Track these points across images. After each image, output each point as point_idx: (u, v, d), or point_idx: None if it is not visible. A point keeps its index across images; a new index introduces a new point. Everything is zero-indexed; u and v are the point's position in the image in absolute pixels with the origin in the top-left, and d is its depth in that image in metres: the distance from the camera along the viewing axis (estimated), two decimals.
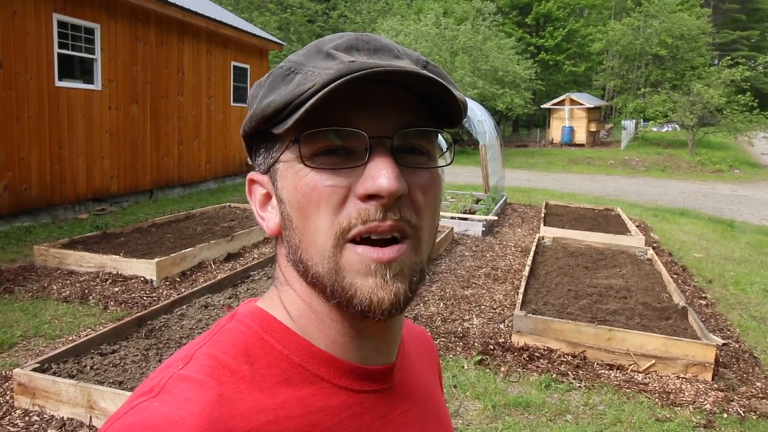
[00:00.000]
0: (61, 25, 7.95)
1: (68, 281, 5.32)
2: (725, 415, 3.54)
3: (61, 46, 8.00)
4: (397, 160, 0.55)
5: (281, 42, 15.06)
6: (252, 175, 0.64)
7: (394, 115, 0.56)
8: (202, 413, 0.49)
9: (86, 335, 4.11)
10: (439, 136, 0.62)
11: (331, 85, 0.51)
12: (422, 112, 0.58)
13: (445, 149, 0.64)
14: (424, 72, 0.53)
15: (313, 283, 0.57)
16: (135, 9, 9.26)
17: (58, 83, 7.97)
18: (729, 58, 27.34)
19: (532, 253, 6.57)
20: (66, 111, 8.13)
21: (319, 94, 0.51)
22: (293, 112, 0.54)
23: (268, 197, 0.62)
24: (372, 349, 0.61)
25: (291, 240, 0.58)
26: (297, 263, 0.58)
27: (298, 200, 0.56)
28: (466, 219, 8.49)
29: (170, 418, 0.49)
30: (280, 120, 0.55)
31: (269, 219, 0.62)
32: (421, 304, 5.19)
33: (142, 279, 5.36)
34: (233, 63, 12.63)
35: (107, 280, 5.34)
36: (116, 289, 5.16)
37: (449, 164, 0.62)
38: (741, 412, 3.58)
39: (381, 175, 0.52)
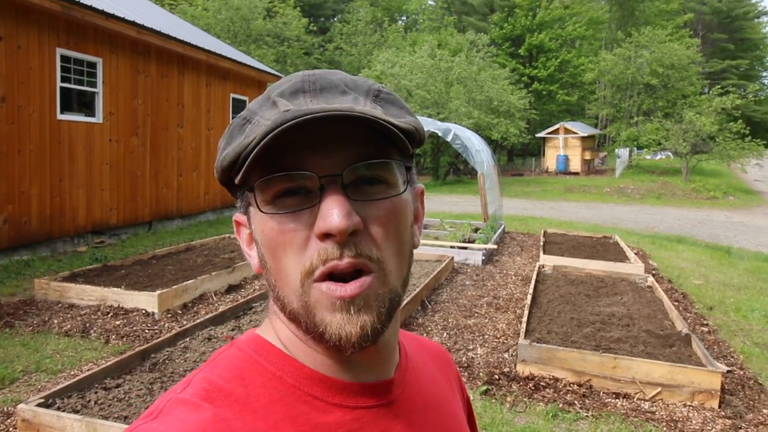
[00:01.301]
0: (64, 59, 8.07)
1: (69, 315, 5.29)
2: None
3: (64, 79, 8.10)
4: (352, 194, 0.56)
5: (279, 74, 15.26)
6: (236, 217, 0.66)
7: (346, 150, 0.57)
8: (196, 430, 0.52)
9: (89, 369, 4.08)
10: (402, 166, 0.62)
11: (267, 138, 0.53)
12: (377, 143, 0.58)
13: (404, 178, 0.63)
14: (353, 112, 0.54)
15: (291, 318, 0.59)
16: (136, 43, 9.41)
17: (60, 116, 8.05)
18: (719, 86, 27.81)
19: (533, 282, 6.58)
20: (67, 144, 8.19)
21: (257, 147, 0.53)
22: (243, 163, 0.56)
23: (251, 237, 0.64)
24: (363, 368, 0.62)
25: (268, 279, 0.61)
26: (276, 300, 0.60)
27: (267, 243, 0.58)
28: (465, 248, 8.52)
29: None
30: (237, 170, 0.58)
31: (254, 257, 0.64)
32: (425, 334, 5.18)
33: (143, 312, 5.34)
34: (232, 95, 12.78)
35: (108, 313, 5.31)
36: (117, 323, 5.13)
37: (406, 191, 0.61)
38: None
39: (331, 213, 0.54)
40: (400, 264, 0.60)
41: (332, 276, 0.56)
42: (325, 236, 0.55)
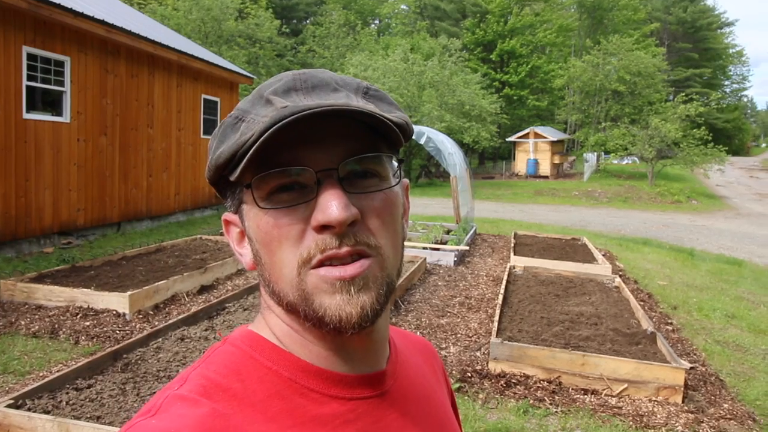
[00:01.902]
0: (31, 57, 7.90)
1: (37, 316, 5.19)
2: None
3: (30, 78, 7.93)
4: (348, 187, 0.58)
5: (251, 75, 15.18)
6: (226, 216, 0.67)
7: (339, 145, 0.59)
8: (196, 425, 0.52)
9: (59, 371, 4.01)
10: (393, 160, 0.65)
11: (267, 134, 0.54)
12: (368, 137, 0.60)
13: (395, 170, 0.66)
14: (350, 106, 0.56)
15: (289, 310, 0.61)
16: (105, 42, 9.27)
17: (26, 115, 7.88)
18: (684, 94, 28.61)
19: (504, 282, 6.69)
20: (33, 143, 8.02)
21: (258, 143, 0.55)
22: (240, 160, 0.57)
23: (242, 235, 0.65)
24: (358, 360, 0.63)
25: (263, 274, 0.62)
26: (272, 294, 0.62)
27: (262, 238, 0.59)
28: (438, 249, 8.60)
29: (166, 431, 0.52)
30: (232, 168, 0.59)
31: (245, 255, 0.65)
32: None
33: (114, 312, 5.27)
34: (204, 96, 12.67)
35: (78, 314, 5.23)
36: (87, 323, 5.05)
37: (397, 184, 0.64)
38: None
39: (330, 206, 0.55)
40: (395, 253, 0.62)
41: (330, 263, 0.57)
42: (323, 228, 0.56)
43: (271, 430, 0.55)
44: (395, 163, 0.65)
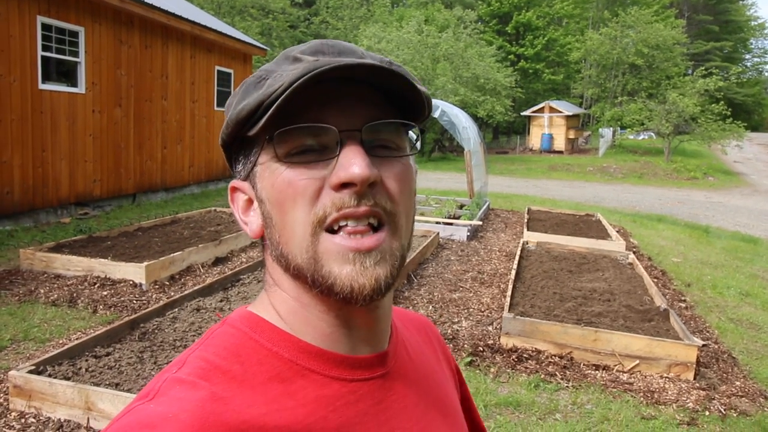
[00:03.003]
0: (45, 27, 7.90)
1: (56, 285, 5.28)
2: (707, 413, 3.66)
3: (45, 48, 7.94)
4: (368, 152, 0.57)
5: (265, 47, 15.07)
6: (234, 183, 0.66)
7: (361, 110, 0.58)
8: (195, 409, 0.51)
9: (78, 338, 4.10)
10: (408, 132, 0.64)
11: (298, 82, 0.54)
12: (388, 108, 0.60)
13: (414, 140, 0.66)
14: (386, 65, 0.56)
15: (295, 275, 0.59)
16: (119, 12, 9.23)
17: (42, 86, 7.91)
18: (703, 68, 28.03)
19: (517, 257, 6.69)
20: (49, 114, 8.06)
21: (288, 91, 0.54)
22: (265, 112, 0.56)
23: (249, 202, 0.64)
24: (361, 338, 0.62)
25: (272, 237, 0.60)
26: (279, 258, 0.60)
27: (276, 197, 0.58)
28: (451, 224, 8.60)
29: (165, 416, 0.51)
30: (254, 122, 0.58)
31: (252, 222, 0.64)
32: (411, 308, 5.26)
33: (131, 282, 5.35)
34: (217, 67, 12.62)
35: (95, 283, 5.32)
36: (105, 293, 5.14)
37: (418, 152, 0.64)
38: (722, 410, 3.71)
39: (353, 163, 0.54)
40: (408, 224, 0.61)
41: (345, 227, 0.56)
42: (343, 186, 0.55)
43: (271, 411, 0.55)
44: (413, 136, 0.65)
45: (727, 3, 53.60)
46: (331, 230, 0.56)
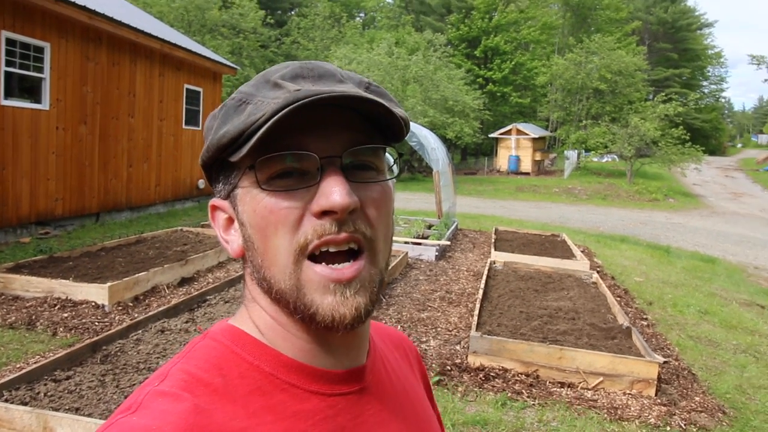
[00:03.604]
0: (10, 42, 7.76)
1: (13, 307, 5.13)
2: (668, 428, 3.74)
3: (9, 64, 7.79)
4: (348, 176, 0.58)
5: (235, 66, 15.06)
6: (214, 201, 0.66)
7: (342, 135, 0.59)
8: (178, 422, 0.51)
9: (36, 362, 3.98)
10: (387, 154, 0.66)
11: (280, 114, 0.54)
12: (369, 130, 0.61)
13: (392, 162, 0.68)
14: (363, 94, 0.57)
15: (277, 299, 0.60)
16: (87, 29, 9.13)
17: (4, 102, 7.75)
18: (663, 94, 29.00)
19: (484, 277, 6.76)
20: (11, 130, 7.88)
21: (270, 122, 0.54)
22: (247, 141, 0.56)
23: (230, 221, 0.64)
24: (340, 354, 0.63)
25: (254, 260, 0.61)
26: (261, 281, 0.61)
27: (258, 222, 0.59)
28: (419, 244, 8.65)
29: (149, 428, 0.50)
30: (236, 149, 0.58)
31: (233, 242, 0.64)
32: None
33: (93, 304, 5.22)
34: (186, 86, 12.55)
35: (56, 305, 5.18)
36: (65, 315, 5.01)
37: (397, 176, 0.66)
38: (683, 425, 3.79)
39: (333, 192, 0.55)
40: (386, 247, 0.62)
41: (327, 253, 0.57)
42: (324, 214, 0.56)
43: (252, 425, 0.55)
44: (391, 159, 0.67)
45: (686, 32, 55.81)
46: (313, 256, 0.58)
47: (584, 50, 33.36)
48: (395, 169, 0.67)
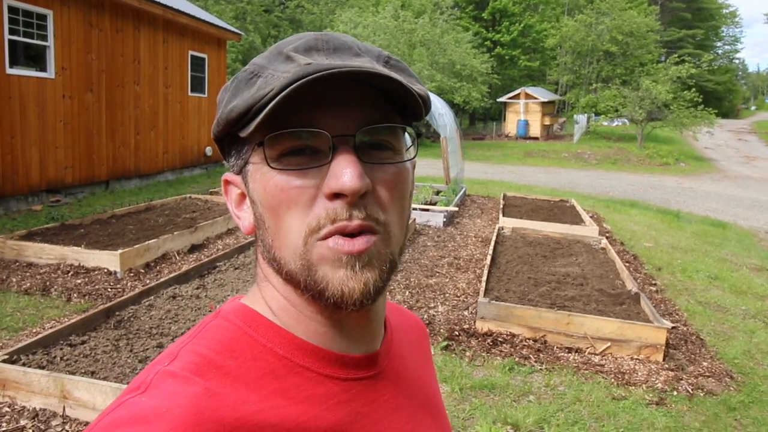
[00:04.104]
0: (12, 10, 7.69)
1: (28, 273, 5.20)
2: (675, 393, 3.78)
3: (12, 32, 7.73)
4: (362, 156, 0.55)
5: (239, 32, 14.86)
6: (226, 176, 0.65)
7: (356, 112, 0.56)
8: (188, 404, 0.50)
9: (52, 327, 4.05)
10: (406, 134, 0.63)
11: (288, 89, 0.52)
12: (385, 108, 0.58)
13: (410, 143, 0.64)
14: (377, 70, 0.54)
15: (288, 279, 0.59)
16: None
17: (9, 71, 7.71)
18: (676, 55, 28.44)
19: (492, 243, 6.77)
20: (18, 100, 7.87)
21: (278, 98, 0.52)
22: (255, 116, 0.54)
23: (243, 197, 0.63)
24: (354, 338, 0.62)
25: (264, 239, 0.60)
26: (272, 261, 0.59)
27: (269, 201, 0.57)
28: (427, 210, 8.65)
29: (158, 410, 0.49)
30: (245, 124, 0.56)
31: (244, 218, 0.63)
32: (388, 293, 5.29)
33: (105, 270, 5.29)
34: (191, 52, 12.42)
35: (69, 272, 5.25)
36: (79, 281, 5.08)
37: (413, 158, 0.62)
38: (689, 389, 3.83)
39: (344, 173, 0.53)
40: (400, 229, 0.60)
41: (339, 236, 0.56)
42: (335, 196, 0.54)
43: (264, 409, 0.54)
44: (408, 139, 0.64)
45: None
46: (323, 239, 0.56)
47: (595, 11, 32.63)
48: (413, 150, 0.63)
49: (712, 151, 28.85)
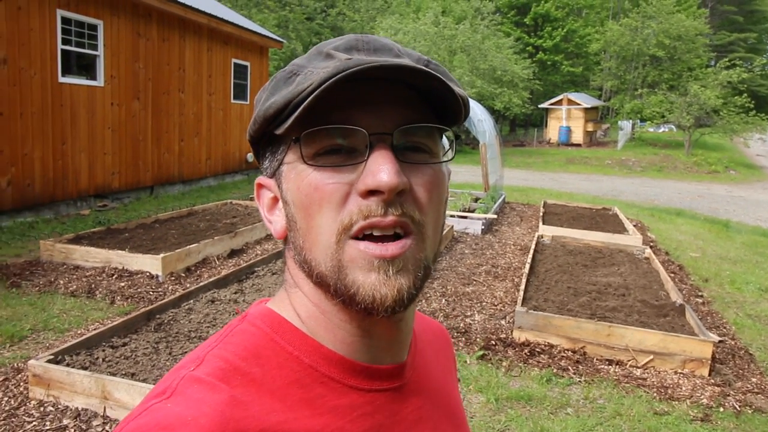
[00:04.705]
0: (65, 21, 8.00)
1: (74, 276, 5.38)
2: (722, 409, 3.63)
3: (65, 42, 8.04)
4: (399, 157, 0.54)
5: (281, 39, 15.11)
6: (260, 179, 0.64)
7: (394, 111, 0.55)
8: (214, 413, 0.49)
9: (95, 329, 4.17)
10: (443, 135, 0.62)
11: (328, 82, 0.51)
12: (423, 109, 0.58)
13: (447, 147, 0.64)
14: (420, 67, 0.53)
15: (318, 282, 0.57)
16: (137, 6, 9.31)
17: (62, 79, 8.02)
18: (726, 59, 27.51)
19: (531, 251, 6.66)
20: (69, 107, 8.17)
21: (317, 91, 0.51)
22: (293, 111, 0.54)
23: (275, 201, 0.62)
24: (382, 348, 0.61)
25: (296, 241, 0.59)
26: (302, 264, 0.58)
27: (301, 200, 0.56)
28: (465, 217, 8.58)
29: (183, 418, 0.49)
30: (282, 120, 0.56)
31: (276, 222, 0.62)
32: (424, 300, 5.27)
33: (147, 274, 5.43)
34: (234, 60, 12.68)
35: (113, 275, 5.40)
36: (122, 284, 5.22)
37: (451, 160, 0.62)
38: (737, 406, 3.67)
39: (381, 170, 0.52)
40: (435, 234, 0.59)
41: (371, 235, 0.54)
42: (370, 193, 0.53)
43: (289, 419, 0.53)
44: (446, 142, 0.63)
45: None
46: (356, 237, 0.54)
47: (641, 15, 31.84)
48: (450, 154, 0.62)
49: (764, 158, 27.75)
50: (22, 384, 3.35)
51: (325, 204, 0.54)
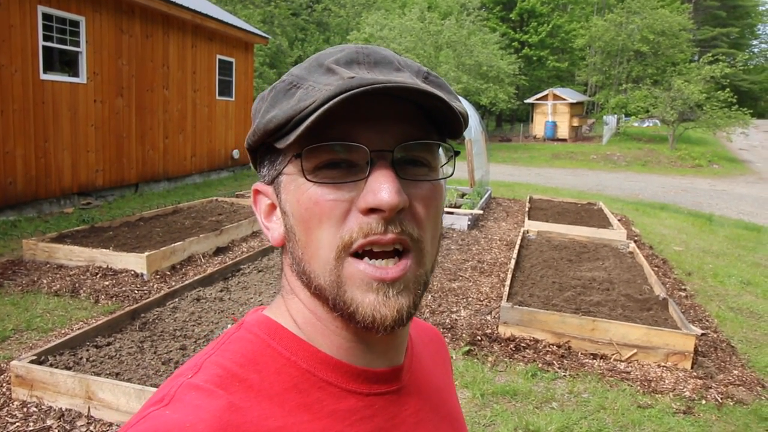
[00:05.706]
0: (46, 17, 7.89)
1: (58, 275, 5.33)
2: (704, 402, 3.68)
3: (46, 38, 7.94)
4: (399, 172, 0.55)
5: (266, 35, 15.02)
6: (257, 185, 0.64)
7: (395, 127, 0.56)
8: (212, 419, 0.50)
9: (79, 328, 4.14)
10: (441, 150, 0.63)
11: (331, 102, 0.51)
12: (424, 124, 0.58)
13: (444, 160, 0.64)
14: (422, 86, 0.53)
15: (316, 294, 0.58)
16: (120, 1, 9.21)
17: (43, 76, 7.92)
18: (709, 54, 27.74)
19: (517, 247, 6.70)
20: (51, 104, 8.08)
21: (320, 110, 0.51)
22: (295, 128, 0.54)
23: (272, 207, 0.63)
24: (378, 353, 0.62)
25: (294, 252, 0.59)
26: (300, 274, 0.59)
27: (301, 214, 0.56)
28: (451, 213, 8.60)
29: (181, 425, 0.49)
30: (283, 135, 0.56)
31: (274, 230, 0.62)
32: None
33: (132, 273, 5.39)
34: (218, 56, 12.59)
35: (97, 273, 5.36)
36: (106, 283, 5.18)
37: (450, 176, 0.63)
38: (719, 398, 3.73)
39: (382, 189, 0.53)
40: (433, 248, 0.60)
41: (370, 252, 0.55)
42: (371, 211, 0.54)
43: (287, 424, 0.54)
44: (443, 155, 0.63)
45: None
46: (356, 254, 0.55)
47: (625, 10, 32.02)
48: (447, 168, 0.63)
49: (746, 152, 28.10)
50: (4, 385, 3.32)
51: (325, 219, 0.55)
